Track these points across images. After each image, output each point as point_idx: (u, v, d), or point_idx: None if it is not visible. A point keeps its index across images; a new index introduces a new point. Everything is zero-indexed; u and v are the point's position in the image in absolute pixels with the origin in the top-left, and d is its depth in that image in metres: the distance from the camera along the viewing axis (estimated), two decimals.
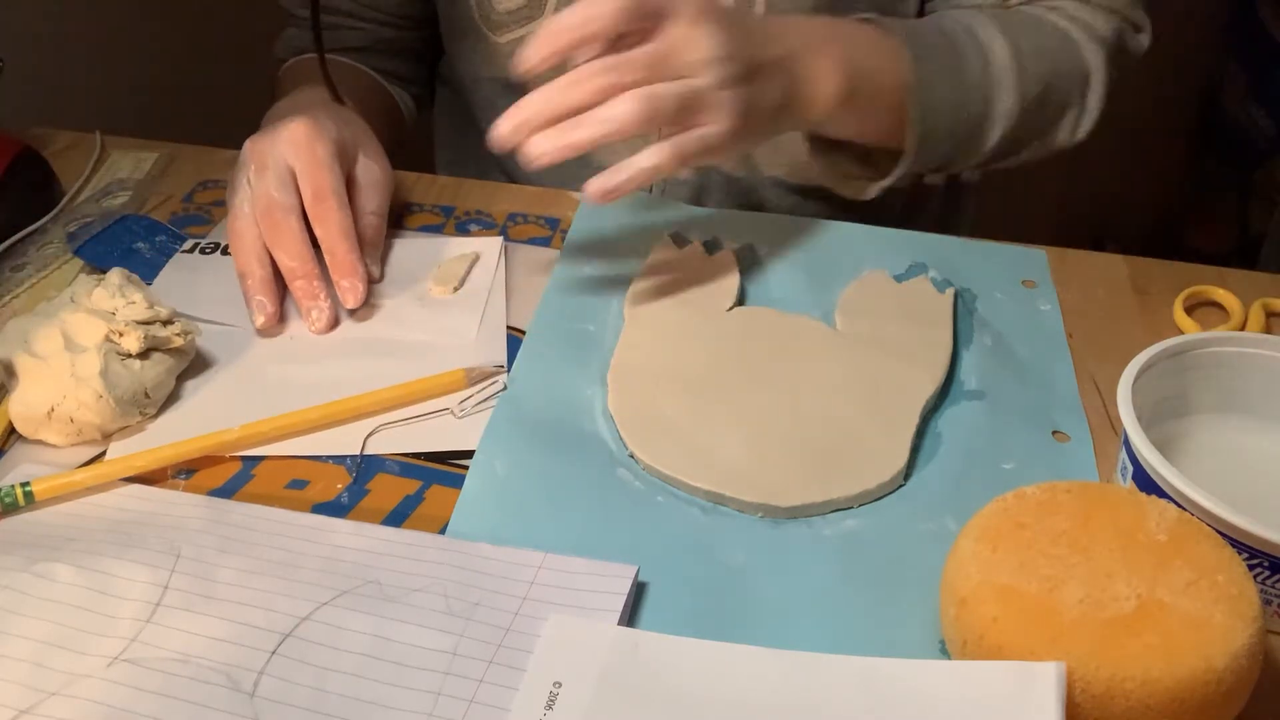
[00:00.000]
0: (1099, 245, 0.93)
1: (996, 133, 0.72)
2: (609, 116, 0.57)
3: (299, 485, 0.55)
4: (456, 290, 0.67)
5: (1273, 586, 0.48)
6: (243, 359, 0.63)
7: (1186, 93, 1.74)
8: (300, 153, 0.66)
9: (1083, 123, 0.76)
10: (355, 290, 0.65)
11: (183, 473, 0.56)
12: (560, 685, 0.44)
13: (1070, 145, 0.78)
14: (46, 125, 0.84)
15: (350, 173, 0.69)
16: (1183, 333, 0.64)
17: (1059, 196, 1.64)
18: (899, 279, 0.67)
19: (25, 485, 0.53)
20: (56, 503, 0.54)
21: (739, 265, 0.68)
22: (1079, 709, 0.42)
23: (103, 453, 0.57)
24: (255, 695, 0.44)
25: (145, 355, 0.58)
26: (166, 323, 0.59)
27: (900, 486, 0.55)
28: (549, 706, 0.43)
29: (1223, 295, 0.67)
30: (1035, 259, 0.70)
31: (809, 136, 0.72)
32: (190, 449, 0.56)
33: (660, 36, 0.59)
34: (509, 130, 0.59)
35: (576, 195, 0.75)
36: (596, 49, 0.60)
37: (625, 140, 0.58)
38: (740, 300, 0.66)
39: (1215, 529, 0.46)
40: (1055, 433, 0.58)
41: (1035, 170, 0.85)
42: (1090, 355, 0.63)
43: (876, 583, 0.50)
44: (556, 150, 0.58)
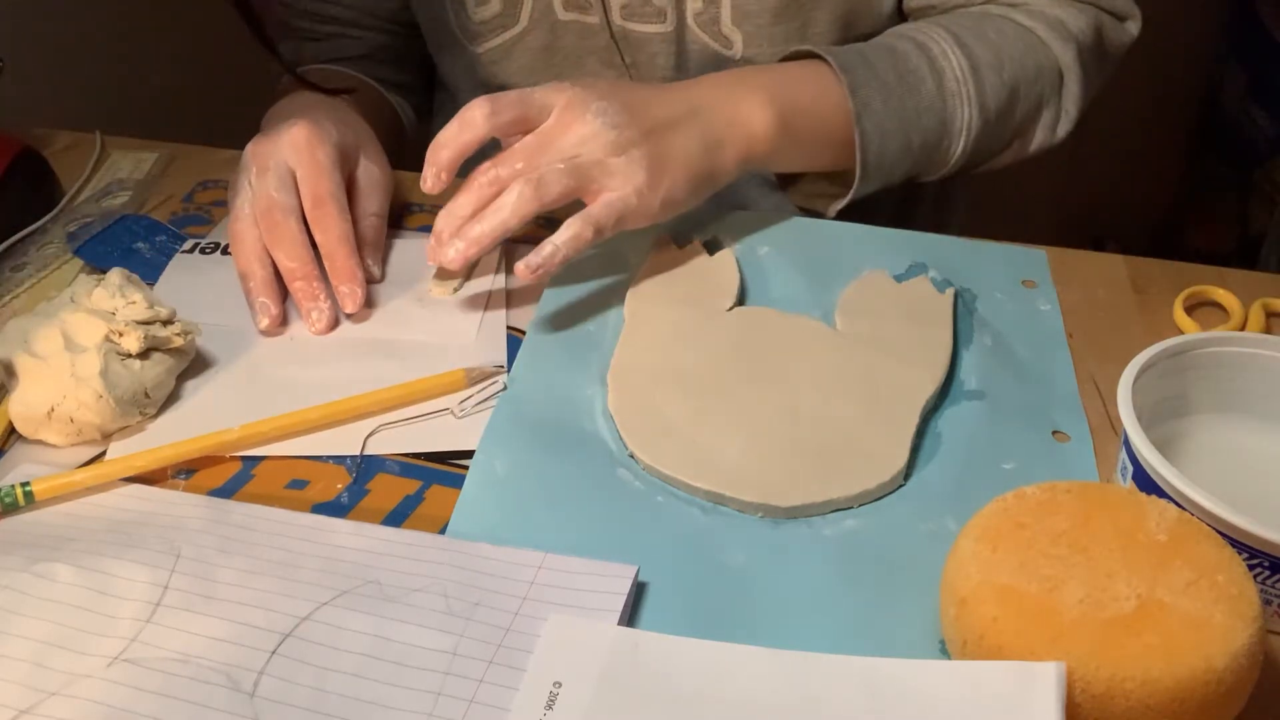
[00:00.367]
0: (1099, 245, 0.93)
1: (959, 145, 0.74)
2: (500, 205, 0.62)
3: (299, 485, 0.55)
4: (456, 290, 0.68)
5: (1273, 586, 0.48)
6: (243, 359, 0.63)
7: (1186, 92, 1.73)
8: (301, 156, 0.66)
9: (1061, 122, 0.77)
10: (354, 295, 0.65)
11: (183, 473, 0.56)
12: (560, 685, 0.44)
13: (1054, 144, 0.78)
14: (46, 125, 0.84)
15: (351, 175, 0.70)
16: (1183, 333, 0.64)
17: (1058, 196, 1.64)
18: (899, 279, 0.67)
19: (25, 485, 0.53)
20: (56, 503, 0.54)
21: (739, 265, 0.68)
22: (1079, 709, 0.41)
23: (103, 453, 0.57)
24: (255, 695, 0.44)
25: (145, 355, 0.58)
26: (166, 323, 0.59)
27: (900, 486, 0.55)
28: (549, 706, 0.43)
29: (1223, 295, 0.67)
30: (1035, 259, 0.70)
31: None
32: (190, 449, 0.56)
33: (538, 129, 0.64)
34: (430, 250, 0.64)
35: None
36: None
37: (523, 225, 0.62)
38: (740, 300, 0.66)
39: (1215, 529, 0.46)
40: (1055, 433, 0.58)
41: (1034, 170, 0.85)
42: (1090, 355, 0.63)
43: (876, 583, 0.50)
44: (465, 249, 0.62)
